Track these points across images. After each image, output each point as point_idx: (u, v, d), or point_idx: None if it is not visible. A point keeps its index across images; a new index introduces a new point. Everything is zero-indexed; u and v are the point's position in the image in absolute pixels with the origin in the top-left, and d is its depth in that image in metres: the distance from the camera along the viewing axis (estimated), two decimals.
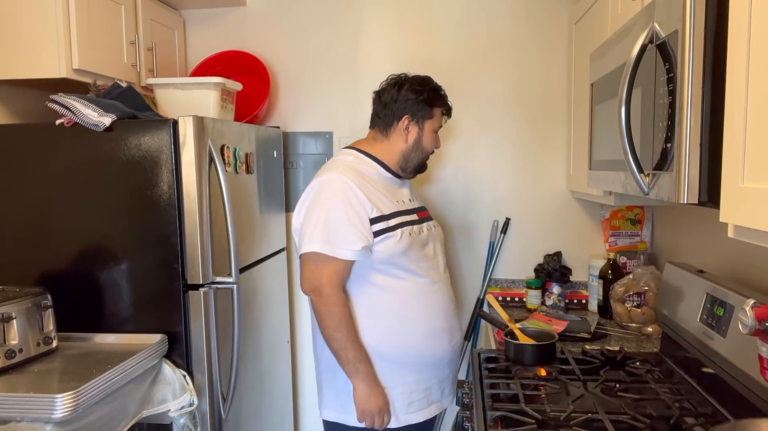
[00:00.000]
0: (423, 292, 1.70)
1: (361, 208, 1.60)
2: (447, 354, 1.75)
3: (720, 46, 0.93)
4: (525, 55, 2.52)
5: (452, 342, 1.76)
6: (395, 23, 2.58)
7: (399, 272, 1.66)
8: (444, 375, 1.77)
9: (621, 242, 2.45)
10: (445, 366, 1.76)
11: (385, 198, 1.68)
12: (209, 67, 2.55)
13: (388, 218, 1.64)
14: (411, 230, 1.69)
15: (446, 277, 1.81)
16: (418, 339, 1.69)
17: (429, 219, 1.84)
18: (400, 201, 1.74)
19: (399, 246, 1.63)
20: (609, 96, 1.48)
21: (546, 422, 1.30)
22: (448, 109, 1.81)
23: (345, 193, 1.60)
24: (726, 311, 1.31)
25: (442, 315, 1.73)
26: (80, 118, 1.75)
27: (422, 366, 1.70)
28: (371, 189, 1.65)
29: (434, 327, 1.71)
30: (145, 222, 1.80)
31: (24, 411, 1.40)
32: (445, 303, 1.75)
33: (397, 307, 1.67)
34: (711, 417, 1.31)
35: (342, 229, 1.58)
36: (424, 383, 1.71)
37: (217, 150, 1.87)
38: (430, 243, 1.76)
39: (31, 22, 1.87)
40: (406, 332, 1.67)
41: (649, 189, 1.14)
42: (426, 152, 1.78)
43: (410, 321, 1.68)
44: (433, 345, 1.71)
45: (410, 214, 1.74)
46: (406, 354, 1.68)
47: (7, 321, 1.54)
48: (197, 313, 1.82)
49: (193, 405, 1.77)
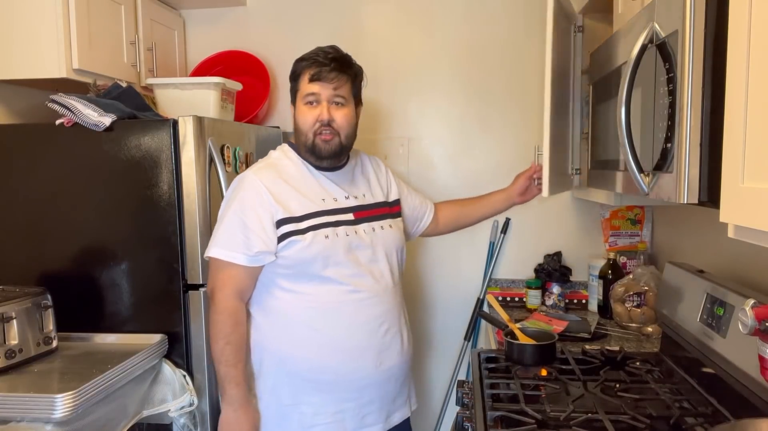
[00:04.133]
0: (340, 303, 1.51)
1: (263, 209, 1.47)
2: (369, 377, 1.54)
3: (720, 46, 0.93)
4: (525, 55, 2.51)
5: (379, 365, 1.54)
6: (395, 23, 2.58)
7: (310, 278, 1.50)
8: (368, 399, 1.56)
9: (621, 242, 2.45)
10: (366, 390, 1.55)
11: (302, 197, 1.52)
12: (209, 67, 2.55)
13: (299, 220, 1.49)
14: (333, 232, 1.51)
15: (387, 288, 1.58)
16: (326, 354, 1.51)
17: (378, 219, 1.61)
18: (326, 199, 1.55)
19: (307, 251, 1.47)
20: (609, 96, 1.48)
21: (546, 422, 1.30)
22: (313, 69, 1.52)
23: (249, 194, 1.49)
24: (726, 311, 1.31)
25: (364, 332, 1.52)
26: (80, 118, 1.75)
27: (331, 386, 1.52)
28: (285, 188, 1.51)
29: (351, 345, 1.52)
30: (145, 222, 1.80)
31: (24, 411, 1.40)
32: (373, 317, 1.54)
33: (305, 317, 1.51)
34: (711, 417, 1.31)
35: (239, 233, 1.47)
36: (333, 406, 1.53)
37: (217, 150, 1.87)
38: (366, 247, 1.55)
39: (31, 22, 1.87)
40: (313, 345, 1.51)
41: (649, 189, 1.14)
42: (303, 130, 1.54)
43: (319, 334, 1.51)
44: (347, 363, 1.52)
45: (340, 214, 1.54)
46: (310, 369, 1.51)
47: (7, 321, 1.54)
48: (197, 313, 1.82)
49: (193, 405, 1.77)
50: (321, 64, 1.52)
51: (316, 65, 1.52)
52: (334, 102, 1.53)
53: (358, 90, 1.61)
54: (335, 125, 1.53)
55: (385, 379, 1.58)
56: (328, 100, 1.53)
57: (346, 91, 1.55)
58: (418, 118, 2.60)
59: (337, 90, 1.53)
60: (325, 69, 1.51)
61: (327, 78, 1.51)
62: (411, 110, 2.60)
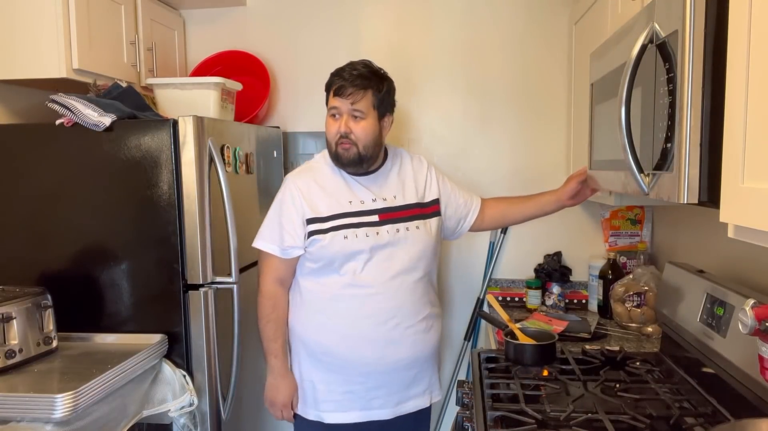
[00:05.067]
0: (349, 296, 1.66)
1: (295, 209, 1.66)
2: (370, 365, 1.67)
3: (720, 46, 0.93)
4: (525, 54, 2.52)
5: (383, 357, 1.67)
6: (395, 23, 2.58)
7: (330, 273, 1.66)
8: (374, 385, 1.69)
9: (621, 242, 2.45)
10: (374, 376, 1.69)
11: (330, 199, 1.67)
12: (209, 67, 2.55)
13: (324, 220, 1.65)
14: (354, 233, 1.64)
15: (404, 285, 1.68)
16: (335, 341, 1.68)
17: (405, 220, 1.71)
18: (353, 201, 1.68)
19: (327, 249, 1.64)
20: (609, 96, 1.48)
21: (546, 422, 1.29)
22: (337, 84, 1.65)
23: (286, 195, 1.69)
24: (726, 311, 1.31)
25: (368, 324, 1.66)
26: (80, 118, 1.75)
27: (339, 368, 1.69)
28: (316, 190, 1.68)
29: (355, 334, 1.66)
30: (145, 222, 1.80)
31: (24, 411, 1.40)
32: (381, 311, 1.66)
33: (321, 307, 1.68)
34: (711, 417, 1.31)
35: (276, 228, 1.68)
36: (344, 385, 1.69)
37: (217, 150, 1.87)
38: (386, 247, 1.66)
39: (31, 22, 1.87)
40: (326, 332, 1.68)
41: (649, 189, 1.14)
42: (328, 140, 1.68)
43: (331, 322, 1.67)
44: (352, 351, 1.67)
45: (364, 216, 1.67)
46: (323, 352, 1.69)
47: (7, 321, 1.54)
48: (197, 313, 1.82)
49: (193, 405, 1.77)
50: (344, 79, 1.64)
51: (340, 80, 1.64)
52: (352, 115, 1.64)
53: (383, 102, 1.68)
54: (353, 137, 1.64)
55: (392, 370, 1.69)
56: (348, 113, 1.64)
57: (366, 104, 1.64)
58: (417, 118, 2.60)
59: (354, 105, 1.63)
60: (345, 84, 1.63)
61: (345, 93, 1.63)
62: (411, 110, 2.60)
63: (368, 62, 1.70)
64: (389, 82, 1.71)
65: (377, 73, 1.69)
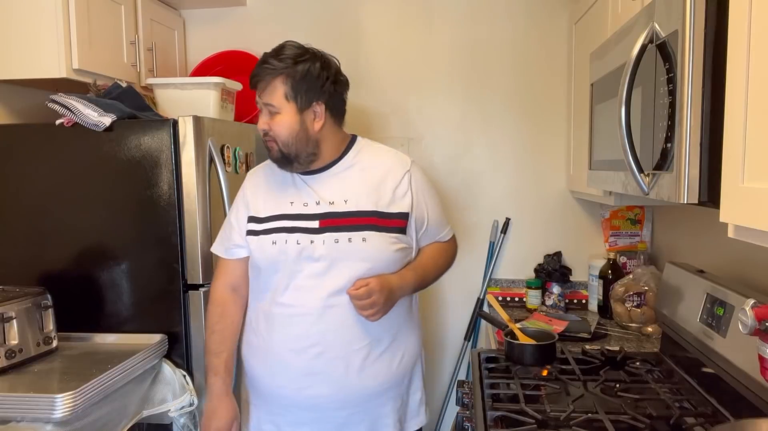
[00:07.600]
0: (274, 315, 1.44)
1: (242, 205, 1.52)
2: (294, 397, 1.43)
3: (720, 46, 0.93)
4: (525, 54, 2.51)
5: (301, 390, 1.42)
6: (395, 23, 2.58)
7: (265, 283, 1.46)
8: (295, 420, 1.45)
9: (621, 242, 2.45)
10: (294, 411, 1.45)
11: (272, 198, 1.47)
12: (209, 67, 2.55)
13: (261, 221, 1.46)
14: (283, 239, 1.41)
15: (338, 307, 1.39)
16: (258, 362, 1.48)
17: (351, 230, 1.40)
18: (295, 203, 1.45)
19: (256, 254, 1.45)
20: (609, 96, 1.48)
21: (546, 422, 1.29)
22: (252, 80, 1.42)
23: (240, 191, 1.56)
24: (726, 311, 1.31)
25: (289, 350, 1.42)
26: (80, 118, 1.75)
27: (266, 395, 1.49)
28: (264, 188, 1.50)
29: (279, 360, 1.44)
30: (145, 222, 1.80)
31: (24, 411, 1.40)
32: (304, 337, 1.40)
33: (256, 322, 1.50)
34: (711, 417, 1.31)
35: (226, 227, 1.57)
36: (270, 415, 1.50)
37: (217, 150, 1.87)
38: (319, 260, 1.39)
39: (31, 22, 1.87)
40: (254, 350, 1.50)
41: (649, 189, 1.14)
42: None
43: (258, 340, 1.48)
44: (274, 376, 1.45)
45: (302, 220, 1.42)
46: (250, 374, 1.53)
47: (7, 321, 1.54)
48: (197, 313, 1.82)
49: (193, 405, 1.77)
50: (257, 68, 1.39)
51: (254, 69, 1.40)
52: (268, 110, 1.41)
53: (302, 89, 1.38)
54: (272, 134, 1.41)
55: (313, 406, 1.43)
56: (264, 107, 1.41)
57: (276, 96, 1.37)
58: (418, 118, 2.60)
59: (264, 98, 1.39)
60: (255, 73, 1.39)
61: (255, 85, 1.41)
62: (411, 110, 2.60)
63: (288, 43, 1.41)
64: (311, 63, 1.38)
65: (291, 57, 1.37)
